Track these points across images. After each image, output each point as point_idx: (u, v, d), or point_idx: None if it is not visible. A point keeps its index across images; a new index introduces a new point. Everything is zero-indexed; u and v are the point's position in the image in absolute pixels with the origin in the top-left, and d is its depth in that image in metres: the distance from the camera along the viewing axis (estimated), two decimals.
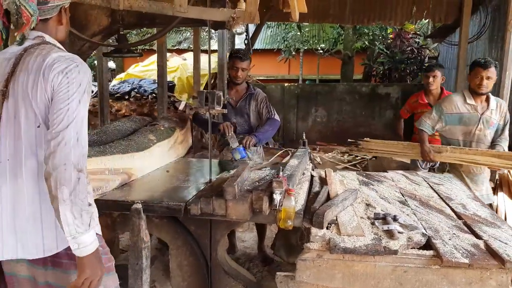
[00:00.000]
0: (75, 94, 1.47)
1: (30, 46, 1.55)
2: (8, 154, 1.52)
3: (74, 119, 1.45)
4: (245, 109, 3.65)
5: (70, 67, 1.49)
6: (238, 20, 1.94)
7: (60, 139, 1.42)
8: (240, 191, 2.13)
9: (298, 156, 2.83)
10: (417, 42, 11.11)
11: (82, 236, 1.42)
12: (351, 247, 1.90)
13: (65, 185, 1.39)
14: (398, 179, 3.02)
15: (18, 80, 1.50)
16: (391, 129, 10.24)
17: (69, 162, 1.41)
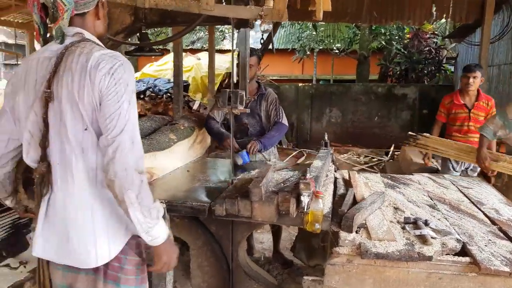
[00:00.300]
0: (124, 96, 1.43)
1: (71, 44, 1.49)
2: (58, 158, 1.48)
3: (126, 122, 1.41)
4: (256, 109, 3.56)
5: (115, 67, 1.43)
6: (265, 18, 1.88)
7: (116, 145, 1.39)
8: (265, 192, 2.07)
9: (321, 157, 2.76)
10: (435, 42, 10.95)
11: (153, 229, 1.45)
12: (384, 253, 1.83)
13: (130, 189, 1.39)
14: (425, 182, 2.94)
15: (62, 81, 1.44)
16: (407, 130, 10.09)
17: (129, 167, 1.39)
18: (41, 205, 1.55)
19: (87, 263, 1.50)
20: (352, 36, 13.22)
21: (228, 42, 16.64)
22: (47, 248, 1.55)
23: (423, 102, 9.91)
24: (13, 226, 2.92)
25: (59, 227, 1.50)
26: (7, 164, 1.71)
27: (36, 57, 1.54)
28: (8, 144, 1.65)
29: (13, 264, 2.90)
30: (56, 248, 1.53)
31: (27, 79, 1.52)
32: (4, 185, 1.76)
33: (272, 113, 3.58)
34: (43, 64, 1.50)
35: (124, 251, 1.61)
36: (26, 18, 7.30)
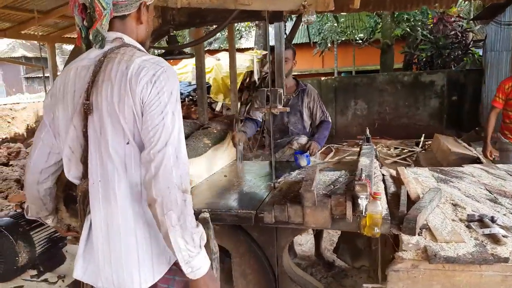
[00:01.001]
0: (168, 106, 1.30)
1: (110, 50, 1.37)
2: (99, 175, 1.36)
3: (171, 135, 1.29)
4: (297, 106, 3.42)
5: (158, 74, 1.30)
6: (309, 8, 1.74)
7: (159, 160, 1.26)
8: (316, 196, 1.94)
9: (367, 154, 2.60)
10: (460, 26, 10.57)
11: (195, 259, 1.30)
12: (454, 256, 1.68)
13: (172, 209, 1.25)
14: (478, 174, 2.75)
15: (102, 91, 1.32)
16: (436, 119, 9.85)
17: (173, 185, 1.26)
18: (84, 225, 1.45)
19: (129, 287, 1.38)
20: (373, 25, 12.91)
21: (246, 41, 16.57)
22: (89, 271, 1.45)
23: (452, 89, 9.62)
24: (49, 240, 2.88)
25: (101, 249, 1.39)
26: (48, 179, 1.62)
27: (74, 66, 1.43)
28: (48, 158, 1.57)
29: (51, 278, 2.87)
30: (98, 272, 1.42)
31: (65, 90, 1.42)
32: (45, 202, 1.67)
33: (318, 111, 3.45)
34: (81, 73, 1.39)
35: (173, 272, 1.49)
36: (46, 31, 7.34)
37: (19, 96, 15.18)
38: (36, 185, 1.60)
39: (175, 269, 1.48)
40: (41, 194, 1.63)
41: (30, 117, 9.89)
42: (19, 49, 20.13)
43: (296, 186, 2.27)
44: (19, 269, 2.57)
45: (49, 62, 7.45)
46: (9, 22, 6.47)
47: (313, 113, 3.47)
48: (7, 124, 9.23)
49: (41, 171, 1.58)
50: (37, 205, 1.67)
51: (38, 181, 1.60)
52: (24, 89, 20.67)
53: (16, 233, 2.57)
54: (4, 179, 6.39)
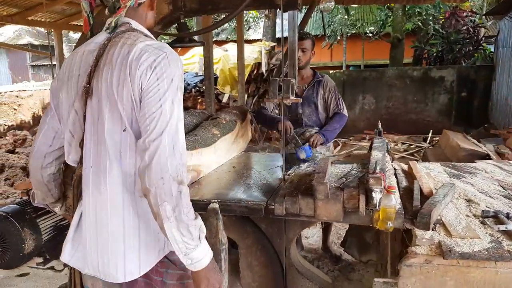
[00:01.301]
0: (167, 93, 1.26)
1: (115, 34, 1.35)
2: (92, 161, 1.33)
3: (168, 123, 1.24)
4: (312, 98, 3.33)
5: (158, 59, 1.27)
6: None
7: (153, 149, 1.22)
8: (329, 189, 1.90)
9: (379, 148, 2.56)
10: (472, 21, 10.42)
11: (193, 251, 1.26)
12: (469, 252, 1.64)
13: (167, 201, 1.21)
14: (491, 170, 2.70)
15: (102, 75, 1.30)
16: (445, 115, 9.76)
17: (167, 175, 1.21)
18: (76, 210, 1.44)
19: (114, 277, 1.36)
20: (384, 19, 12.77)
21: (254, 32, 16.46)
22: (76, 256, 1.44)
23: (462, 85, 9.53)
24: (55, 228, 2.87)
25: (89, 236, 1.37)
26: (52, 164, 1.59)
27: (81, 50, 1.41)
28: (53, 142, 1.55)
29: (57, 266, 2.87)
30: (84, 257, 1.40)
31: (70, 74, 1.40)
32: (49, 188, 1.64)
33: (332, 102, 3.34)
34: (87, 57, 1.37)
35: (166, 264, 1.46)
36: (53, 17, 7.29)
37: (25, 84, 15.23)
38: (40, 170, 1.58)
39: (168, 262, 1.46)
40: (45, 180, 1.61)
41: (36, 104, 9.91)
42: (26, 36, 20.14)
43: (307, 179, 2.24)
44: (25, 256, 2.57)
45: (56, 50, 7.42)
46: (16, 8, 6.44)
47: (328, 104, 3.37)
48: (13, 111, 9.25)
49: (45, 155, 1.56)
50: (42, 191, 1.64)
51: (42, 165, 1.57)
52: (30, 77, 20.71)
53: (23, 220, 2.56)
54: (10, 167, 6.40)
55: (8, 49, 19.20)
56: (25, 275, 2.67)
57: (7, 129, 8.73)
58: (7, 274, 2.66)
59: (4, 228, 2.52)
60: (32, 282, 2.61)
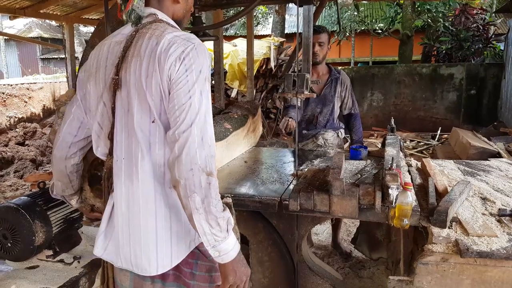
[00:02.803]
0: (196, 85, 1.25)
1: (142, 25, 1.34)
2: (124, 152, 1.33)
3: (197, 115, 1.24)
4: (330, 96, 3.24)
5: (187, 51, 1.26)
6: None
7: (183, 141, 1.22)
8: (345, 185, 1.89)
9: (392, 144, 2.54)
10: (482, 19, 10.32)
11: (221, 243, 1.26)
12: (487, 251, 1.62)
13: (196, 192, 1.21)
14: (506, 168, 2.68)
15: (130, 67, 1.29)
16: (454, 112, 9.69)
17: (196, 166, 1.21)
18: (108, 202, 1.43)
19: (147, 270, 1.36)
20: (393, 15, 12.67)
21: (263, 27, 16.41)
22: (109, 249, 1.43)
23: (471, 82, 9.45)
24: (65, 220, 2.87)
25: (121, 228, 1.37)
26: (76, 155, 1.60)
27: (108, 42, 1.41)
28: (78, 132, 1.55)
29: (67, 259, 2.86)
30: (117, 250, 1.40)
31: (98, 65, 1.39)
32: (71, 179, 1.65)
33: (348, 101, 3.30)
34: (114, 49, 1.37)
35: (196, 255, 1.46)
36: (65, 10, 7.30)
37: (35, 77, 15.28)
38: (64, 160, 1.59)
39: (198, 253, 1.46)
40: (68, 170, 1.61)
41: (47, 97, 9.94)
42: (36, 29, 20.19)
43: (320, 174, 2.23)
44: (35, 248, 2.56)
45: (67, 43, 7.43)
46: (29, 1, 6.45)
47: (344, 102, 3.32)
48: (24, 103, 9.29)
49: (70, 145, 1.57)
50: (63, 182, 1.65)
51: (66, 156, 1.58)
52: (40, 70, 20.79)
53: (34, 212, 2.56)
54: (20, 159, 6.44)
55: (19, 42, 19.28)
56: (34, 268, 2.67)
57: (17, 121, 8.78)
58: (17, 266, 2.66)
59: (15, 220, 2.52)
60: (41, 274, 2.61)
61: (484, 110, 9.44)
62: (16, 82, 10.46)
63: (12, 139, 7.56)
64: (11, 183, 5.43)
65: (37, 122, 8.90)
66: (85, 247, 3.12)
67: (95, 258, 2.79)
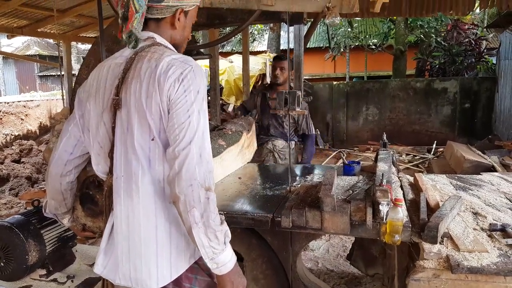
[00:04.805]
0: (194, 104, 1.31)
1: (141, 48, 1.39)
2: (123, 170, 1.38)
3: (195, 133, 1.30)
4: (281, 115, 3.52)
5: (185, 72, 1.32)
6: (333, 10, 1.70)
7: (183, 158, 1.28)
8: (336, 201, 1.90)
9: (384, 160, 2.56)
10: (474, 33, 10.48)
11: (219, 256, 1.32)
12: (478, 266, 1.63)
13: (195, 207, 1.27)
14: (497, 182, 2.69)
15: (131, 88, 1.35)
16: (449, 126, 9.76)
17: (196, 182, 1.27)
18: (108, 220, 1.47)
19: (147, 284, 1.39)
20: (387, 31, 12.85)
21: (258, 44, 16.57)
22: (108, 267, 1.46)
23: (465, 96, 9.56)
24: (59, 239, 2.85)
25: (121, 244, 1.40)
26: (71, 173, 1.65)
27: (108, 64, 1.46)
28: (74, 150, 1.60)
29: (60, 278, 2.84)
30: (116, 267, 1.43)
31: (98, 86, 1.45)
32: (65, 197, 1.69)
33: (303, 123, 3.67)
34: (113, 70, 1.42)
35: (195, 270, 1.49)
36: (62, 29, 7.38)
37: (32, 94, 15.32)
38: (60, 177, 1.63)
39: (197, 267, 1.50)
40: (62, 188, 1.65)
41: (43, 114, 9.95)
42: (34, 47, 20.33)
43: (313, 190, 2.24)
44: (28, 268, 2.54)
45: (64, 61, 7.50)
46: (27, 20, 6.52)
47: (298, 123, 3.70)
48: (20, 121, 9.30)
49: (66, 163, 1.61)
50: (57, 200, 1.68)
51: (62, 173, 1.62)
52: (37, 87, 20.86)
53: (27, 231, 2.55)
54: (15, 176, 6.42)
55: (17, 59, 19.38)
56: None
57: (13, 138, 8.77)
58: (9, 286, 2.63)
59: (8, 239, 2.50)
60: None
61: (479, 123, 9.52)
62: (13, 99, 10.49)
63: (8, 156, 7.56)
64: (6, 201, 5.41)
65: (33, 140, 8.90)
66: (79, 266, 3.09)
67: (88, 277, 2.77)
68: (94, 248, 3.50)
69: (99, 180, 1.84)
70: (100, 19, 2.57)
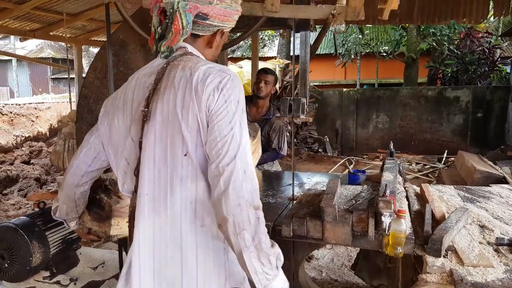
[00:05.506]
0: (236, 116, 1.21)
1: (173, 58, 1.30)
2: (150, 187, 1.26)
3: (239, 147, 1.19)
4: None
5: (224, 81, 1.22)
6: (338, 17, 1.68)
7: (228, 174, 1.17)
8: (337, 211, 1.87)
9: (390, 169, 2.52)
10: (488, 42, 10.36)
11: (272, 282, 1.21)
12: (482, 282, 1.58)
13: (245, 229, 1.16)
14: (506, 194, 2.63)
15: (163, 98, 1.24)
16: (460, 135, 9.65)
17: (243, 201, 1.16)
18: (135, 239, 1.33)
19: None
20: (398, 38, 12.78)
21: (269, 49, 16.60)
22: None
23: (477, 105, 9.43)
24: (64, 241, 2.85)
25: (144, 268, 1.29)
26: (87, 184, 1.59)
27: (136, 76, 1.38)
28: (93, 162, 1.53)
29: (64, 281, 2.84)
30: None
31: (125, 99, 1.36)
32: (77, 204, 1.63)
33: (275, 141, 3.57)
34: (141, 81, 1.34)
35: None
36: (74, 33, 7.46)
37: (44, 96, 15.52)
38: (75, 187, 1.57)
39: None
40: (76, 197, 1.60)
41: (54, 116, 10.06)
42: (47, 49, 20.62)
43: (316, 199, 2.21)
44: (32, 269, 2.55)
45: (75, 64, 7.58)
46: (39, 23, 6.60)
47: (270, 140, 3.58)
48: (31, 123, 9.41)
49: (83, 174, 1.54)
50: (69, 206, 1.62)
51: (78, 183, 1.56)
52: (50, 89, 21.13)
53: (32, 232, 2.56)
54: (24, 177, 6.48)
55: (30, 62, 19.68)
56: None
57: (23, 140, 8.87)
58: (13, 287, 2.65)
59: (13, 241, 2.52)
60: None
61: (491, 133, 9.39)
62: (24, 101, 10.62)
63: (18, 157, 7.64)
64: (15, 202, 5.46)
65: (43, 141, 9.00)
66: (82, 269, 3.09)
67: (91, 281, 2.78)
68: (98, 251, 3.50)
69: (106, 184, 1.80)
70: (108, 23, 2.59)
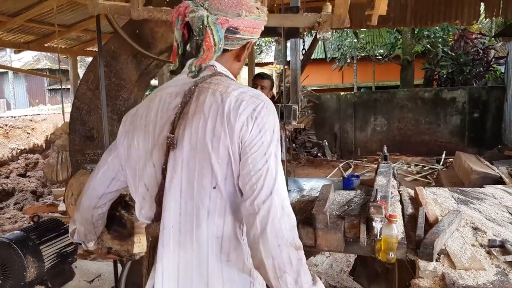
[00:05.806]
0: (271, 147, 1.13)
1: (202, 79, 1.20)
2: (176, 220, 1.18)
3: (275, 181, 1.10)
4: None
5: (258, 109, 1.13)
6: (324, 25, 1.68)
7: (265, 213, 1.08)
8: (330, 217, 1.86)
9: (384, 173, 2.52)
10: (482, 43, 10.41)
11: None
12: (473, 285, 1.58)
13: (287, 272, 1.08)
14: (500, 195, 2.63)
15: (191, 125, 1.15)
16: (458, 136, 9.66)
17: (283, 241, 1.08)
18: (150, 276, 1.28)
19: None
20: (393, 41, 12.84)
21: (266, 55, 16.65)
22: None
23: (474, 106, 9.47)
24: (58, 255, 2.82)
25: None
26: (105, 205, 1.49)
27: (160, 94, 1.28)
28: (111, 183, 1.42)
29: None
30: None
31: (147, 119, 1.25)
32: (96, 226, 1.53)
33: None
34: (167, 102, 1.23)
35: None
36: (69, 44, 7.49)
37: (40, 107, 15.51)
38: (92, 210, 1.47)
39: None
40: (94, 219, 1.50)
41: (49, 128, 10.04)
42: (44, 60, 20.66)
43: (309, 206, 2.21)
44: (26, 284, 2.53)
45: (70, 74, 7.61)
46: (33, 35, 6.62)
47: None
48: (27, 135, 9.39)
49: (100, 196, 1.45)
50: (87, 228, 1.53)
51: (96, 205, 1.47)
52: (47, 100, 21.15)
53: (26, 247, 2.54)
54: (20, 190, 6.46)
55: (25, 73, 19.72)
56: None
57: (19, 152, 8.85)
58: None
59: (6, 256, 2.50)
60: None
61: (489, 133, 9.41)
62: (20, 113, 10.60)
63: (13, 170, 7.61)
64: (10, 216, 5.43)
65: (39, 153, 8.96)
66: (78, 283, 3.08)
67: None
68: (94, 264, 3.49)
69: (126, 200, 1.69)
70: (98, 35, 2.59)
